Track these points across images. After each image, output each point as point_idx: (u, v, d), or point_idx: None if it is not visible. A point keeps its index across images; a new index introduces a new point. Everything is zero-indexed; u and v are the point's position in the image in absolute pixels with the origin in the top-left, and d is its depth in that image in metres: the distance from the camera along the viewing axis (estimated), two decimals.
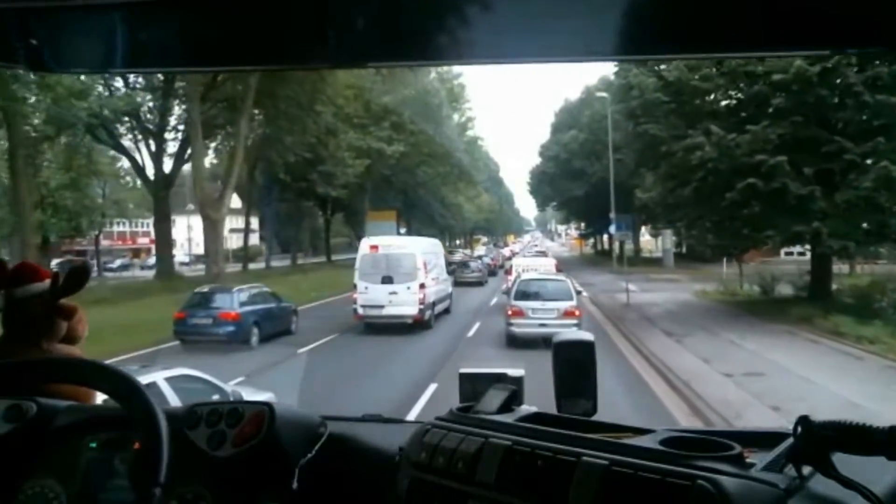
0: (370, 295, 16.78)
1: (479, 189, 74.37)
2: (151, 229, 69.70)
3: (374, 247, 17.88)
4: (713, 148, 17.15)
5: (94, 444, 1.24)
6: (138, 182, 33.87)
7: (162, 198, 30.07)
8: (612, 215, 36.92)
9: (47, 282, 1.52)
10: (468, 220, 73.22)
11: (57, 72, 1.08)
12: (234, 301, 14.91)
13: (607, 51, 0.96)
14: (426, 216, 57.21)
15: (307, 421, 1.36)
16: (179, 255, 52.13)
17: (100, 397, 1.36)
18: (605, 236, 69.80)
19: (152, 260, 52.06)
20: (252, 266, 40.31)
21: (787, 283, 20.76)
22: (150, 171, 30.83)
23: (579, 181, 47.81)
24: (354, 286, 17.11)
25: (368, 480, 1.29)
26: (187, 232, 54.42)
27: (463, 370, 1.38)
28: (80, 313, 1.60)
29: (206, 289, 16.60)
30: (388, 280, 16.84)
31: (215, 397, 6.12)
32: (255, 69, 5.85)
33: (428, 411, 8.06)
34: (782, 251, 34.25)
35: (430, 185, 52.27)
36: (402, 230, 49.36)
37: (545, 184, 56.54)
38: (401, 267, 17.10)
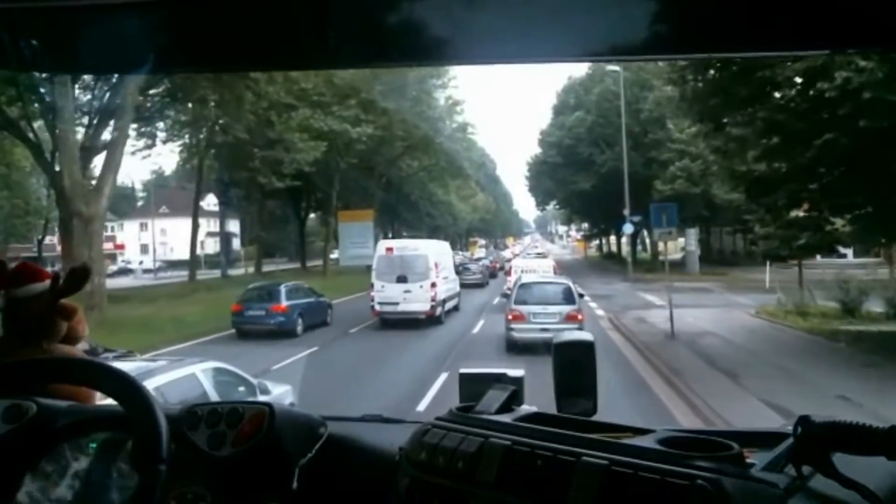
0: (386, 293, 21.06)
1: (473, 187, 74.43)
2: (117, 233, 69.95)
3: (390, 249, 22.53)
4: (871, 68, 11.12)
5: (94, 444, 1.37)
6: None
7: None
8: (627, 211, 36.87)
9: (47, 282, 1.69)
10: (462, 220, 73.26)
11: (57, 72, 1.22)
12: (282, 295, 19.56)
13: (607, 51, 1.07)
14: (412, 216, 56.55)
15: (307, 421, 1.51)
16: (145, 261, 52.72)
17: (100, 398, 1.51)
18: (613, 237, 69.40)
19: (114, 267, 51.83)
20: (205, 275, 39.54)
21: (875, 298, 17.83)
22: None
23: (586, 172, 46.06)
24: (371, 285, 21.64)
25: (368, 480, 1.44)
26: (159, 236, 55.29)
27: (463, 370, 1.54)
28: (81, 313, 1.77)
29: (259, 284, 21.83)
30: (402, 279, 21.03)
31: (241, 389, 7.96)
32: (255, 69, 6.26)
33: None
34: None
35: (414, 180, 51.25)
36: (389, 234, 49.39)
37: (545, 176, 53.52)
38: (414, 267, 21.32)
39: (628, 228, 38.78)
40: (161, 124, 35.30)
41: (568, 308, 15.96)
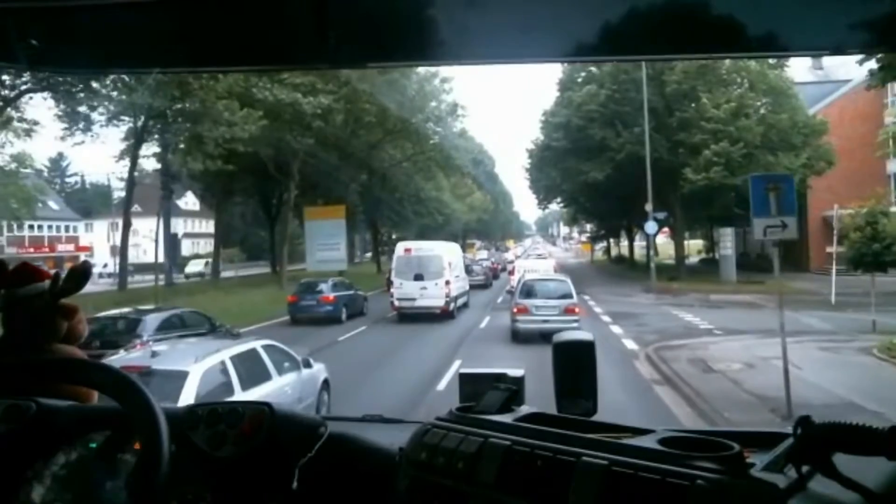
0: (404, 289, 27.32)
1: (470, 185, 76.68)
2: (82, 234, 70.42)
3: (408, 250, 29.06)
4: None
5: (94, 445, 1.56)
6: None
7: None
8: (649, 206, 35.96)
9: (48, 282, 1.91)
10: (457, 220, 74.76)
11: (57, 72, 1.42)
12: (330, 288, 27.25)
13: (606, 51, 1.25)
14: (396, 213, 56.68)
15: (307, 421, 1.74)
16: (111, 264, 53.10)
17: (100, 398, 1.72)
18: (623, 239, 68.82)
19: None
20: (149, 283, 38.77)
21: None
22: None
23: (599, 159, 43.73)
24: (391, 282, 28.13)
25: (368, 480, 1.65)
26: (130, 237, 55.94)
27: (463, 370, 1.77)
28: (81, 313, 1.99)
29: (309, 280, 29.12)
30: (419, 277, 27.22)
31: (286, 365, 11.00)
32: (255, 69, 6.74)
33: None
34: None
35: (398, 172, 50.85)
36: (384, 235, 49.01)
37: (550, 165, 51.03)
38: (430, 266, 27.46)
39: (651, 227, 37.69)
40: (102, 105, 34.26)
41: (566, 302, 20.56)
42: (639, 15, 1.14)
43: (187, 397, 8.31)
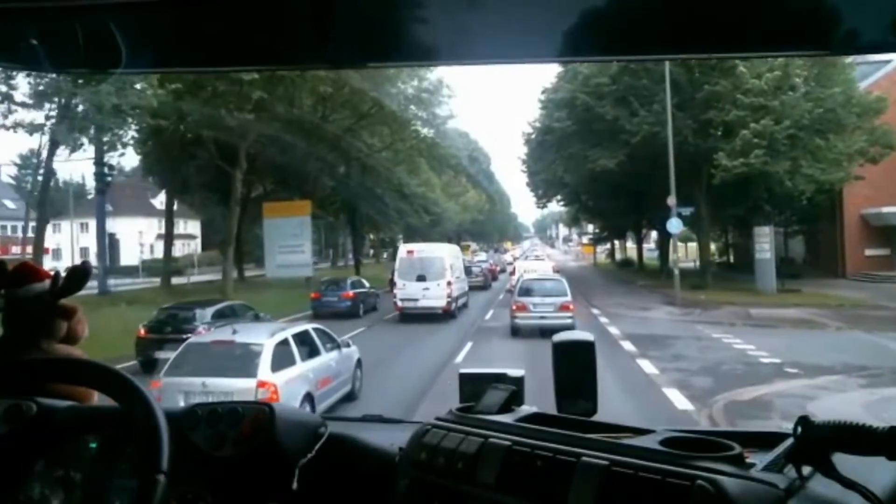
0: (407, 290, 32.29)
1: (464, 183, 79.36)
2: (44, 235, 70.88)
3: (411, 252, 34.35)
4: None
5: (94, 444, 1.75)
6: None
7: None
8: (672, 201, 34.26)
9: (47, 282, 2.11)
10: (449, 220, 75.41)
11: (57, 72, 1.62)
12: (349, 286, 34.11)
13: (609, 50, 1.41)
14: (377, 211, 56.06)
15: (307, 421, 1.94)
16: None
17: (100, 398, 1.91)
18: (630, 240, 69.22)
19: None
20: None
21: None
22: None
23: (610, 143, 41.94)
24: (394, 283, 33.16)
25: (368, 480, 1.84)
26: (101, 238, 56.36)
27: (463, 370, 1.96)
28: (80, 314, 2.19)
29: (329, 279, 36.58)
30: (421, 278, 32.11)
31: (328, 346, 14.95)
32: (255, 69, 7.12)
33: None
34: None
35: (377, 164, 50.26)
36: (378, 235, 49.74)
37: (550, 152, 49.49)
38: (432, 268, 32.45)
39: (675, 226, 35.31)
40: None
41: (562, 300, 25.10)
42: (640, 14, 1.29)
43: (264, 363, 12.33)
